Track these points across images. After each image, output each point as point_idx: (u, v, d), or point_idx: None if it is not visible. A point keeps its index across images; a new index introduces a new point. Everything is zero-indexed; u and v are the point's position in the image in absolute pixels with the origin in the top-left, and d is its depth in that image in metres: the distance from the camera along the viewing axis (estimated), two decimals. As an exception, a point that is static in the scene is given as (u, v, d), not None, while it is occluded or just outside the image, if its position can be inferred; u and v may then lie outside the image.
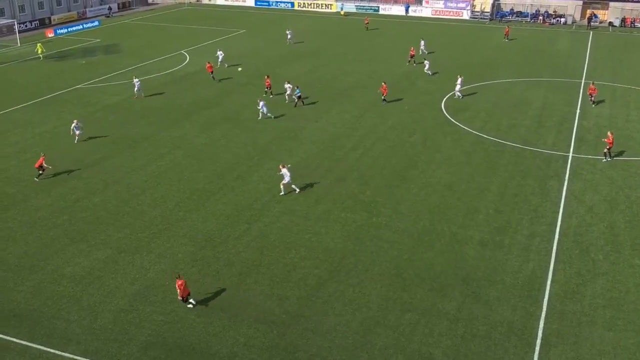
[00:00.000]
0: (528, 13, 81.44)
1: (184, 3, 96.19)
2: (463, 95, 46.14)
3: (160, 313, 21.57)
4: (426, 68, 53.21)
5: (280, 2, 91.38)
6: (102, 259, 24.96)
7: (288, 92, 44.71)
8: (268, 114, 40.93)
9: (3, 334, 20.42)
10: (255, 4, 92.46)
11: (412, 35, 69.79)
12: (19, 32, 68.07)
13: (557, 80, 51.53)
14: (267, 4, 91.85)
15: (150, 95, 46.79)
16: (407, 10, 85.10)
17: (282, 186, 30.47)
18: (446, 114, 42.75)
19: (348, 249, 25.70)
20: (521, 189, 31.15)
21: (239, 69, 51.67)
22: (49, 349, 19.78)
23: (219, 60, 54.03)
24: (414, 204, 29.65)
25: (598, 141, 36.62)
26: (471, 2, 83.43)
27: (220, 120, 41.17)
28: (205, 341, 20.19)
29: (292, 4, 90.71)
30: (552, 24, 79.07)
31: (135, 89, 45.63)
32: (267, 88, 46.26)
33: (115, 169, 33.62)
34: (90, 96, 46.72)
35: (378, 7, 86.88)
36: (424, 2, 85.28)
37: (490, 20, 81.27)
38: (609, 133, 34.85)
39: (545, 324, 20.98)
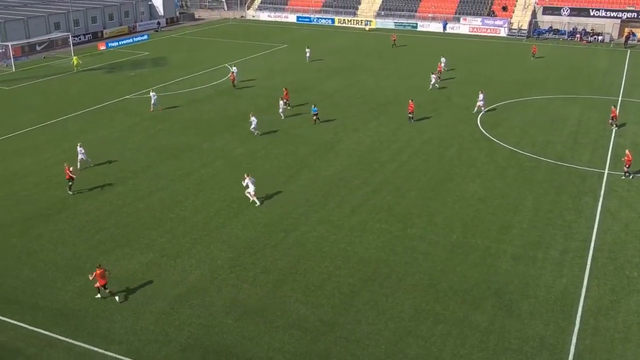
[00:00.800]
0: (565, 31, 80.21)
1: (229, 19, 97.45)
2: (486, 110, 45.55)
3: (199, 316, 21.73)
4: (432, 82, 52.98)
5: (321, 18, 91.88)
6: (145, 263, 25.29)
7: (281, 109, 44.26)
8: (256, 131, 40.25)
9: (50, 332, 20.82)
10: (297, 20, 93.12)
11: (449, 51, 69.39)
12: (73, 44, 69.76)
13: (593, 97, 50.55)
14: (308, 20, 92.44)
15: (195, 107, 47.44)
16: (444, 27, 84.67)
17: (247, 195, 30.55)
18: (482, 129, 42.29)
19: (382, 259, 25.55)
20: (555, 204, 30.58)
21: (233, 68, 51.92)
22: (92, 347, 20.09)
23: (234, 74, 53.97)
24: (448, 216, 29.34)
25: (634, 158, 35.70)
26: (509, 19, 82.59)
27: (260, 132, 41.44)
28: (241, 345, 20.26)
29: (333, 20, 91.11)
30: (590, 42, 77.71)
31: (152, 102, 46.05)
32: (285, 99, 46.33)
33: (159, 176, 34.11)
34: (138, 106, 47.56)
35: (416, 23, 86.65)
36: (461, 19, 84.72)
37: (528, 37, 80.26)
38: (627, 151, 34.00)
39: (577, 339, 20.48)
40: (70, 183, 31.69)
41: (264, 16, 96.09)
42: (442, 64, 59.34)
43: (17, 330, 20.91)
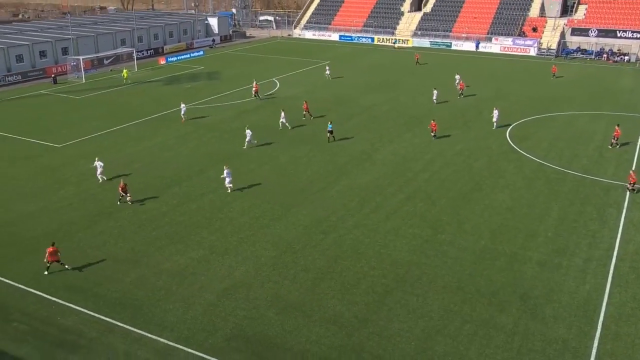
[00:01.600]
0: (593, 51, 78.35)
1: (277, 37, 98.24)
2: (498, 126, 44.71)
3: (243, 309, 21.90)
4: (434, 97, 52.62)
5: (362, 37, 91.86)
6: (196, 258, 25.62)
7: (283, 119, 44.28)
8: (253, 141, 40.06)
9: (109, 318, 21.27)
10: (340, 39, 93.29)
11: (481, 69, 68.62)
12: (137, 59, 71.33)
13: (619, 114, 49.22)
14: (350, 38, 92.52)
15: (243, 117, 47.93)
16: (477, 47, 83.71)
17: (227, 186, 32.08)
18: (510, 142, 41.59)
19: (414, 261, 25.34)
20: (580, 215, 29.84)
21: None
22: (147, 334, 20.43)
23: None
24: (477, 224, 28.93)
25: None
26: (538, 39, 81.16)
27: (303, 141, 41.62)
28: (281, 336, 20.34)
29: (372, 39, 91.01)
30: (616, 61, 75.74)
31: (182, 112, 46.60)
32: (305, 111, 46.57)
33: (210, 180, 34.54)
34: (193, 116, 48.28)
35: (450, 43, 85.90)
36: (493, 39, 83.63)
37: (556, 57, 78.70)
38: (631, 171, 32.61)
39: (599, 343, 19.92)
40: (121, 196, 30.91)
41: (309, 35, 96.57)
42: (457, 81, 58.45)
43: (81, 316, 21.42)
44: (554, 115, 48.76)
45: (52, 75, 62.69)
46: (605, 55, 76.92)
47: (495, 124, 44.76)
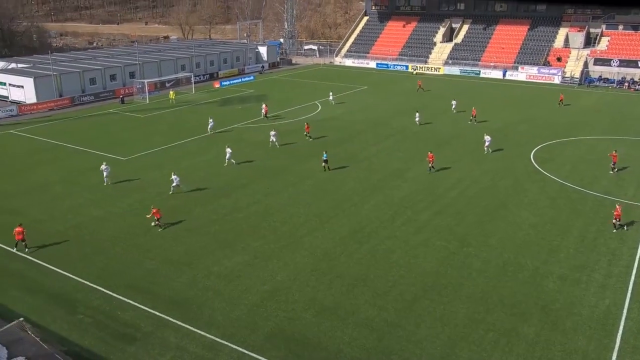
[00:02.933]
0: (614, 80, 76.20)
1: (320, 64, 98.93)
2: (493, 151, 43.12)
3: (284, 310, 21.89)
4: (417, 119, 51.73)
5: (397, 65, 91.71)
6: (241, 262, 25.80)
7: (273, 138, 44.39)
8: (232, 160, 39.81)
9: (163, 314, 21.57)
10: (377, 66, 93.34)
11: (508, 95, 67.52)
12: (195, 83, 72.84)
13: (639, 140, 47.60)
14: (386, 66, 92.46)
15: (288, 136, 48.29)
16: (504, 75, 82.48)
17: (172, 188, 33.25)
18: (534, 164, 40.68)
19: (441, 272, 24.92)
20: (601, 233, 28.87)
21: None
22: (196, 330, 20.63)
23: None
24: (501, 239, 28.31)
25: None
26: (562, 69, 79.50)
27: (341, 159, 41.62)
28: (317, 337, 20.24)
29: (407, 67, 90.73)
30: (637, 90, 73.39)
31: (209, 126, 48.43)
32: (306, 132, 47.05)
33: (256, 192, 34.83)
34: (244, 134, 48.91)
35: (479, 71, 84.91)
36: (519, 67, 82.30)
37: (579, 85, 76.83)
38: (617, 205, 29.82)
39: (618, 356, 19.14)
40: (157, 222, 29.38)
41: (349, 62, 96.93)
42: (453, 107, 57.22)
43: (138, 311, 21.78)
44: (577, 140, 47.49)
45: (120, 96, 64.52)
46: (626, 84, 74.64)
47: (486, 149, 42.80)
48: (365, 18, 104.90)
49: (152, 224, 29.49)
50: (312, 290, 23.40)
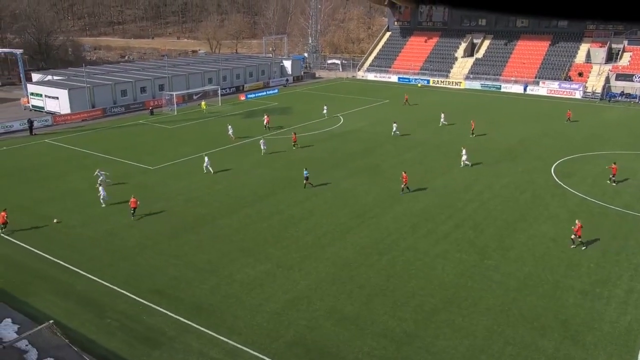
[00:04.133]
0: (637, 95, 74.79)
1: (343, 78, 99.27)
2: (472, 164, 42.36)
3: (304, 319, 21.82)
4: (394, 129, 51.84)
5: (419, 79, 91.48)
6: (264, 271, 25.83)
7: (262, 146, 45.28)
8: (210, 168, 40.11)
9: (187, 320, 21.67)
10: (398, 80, 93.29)
11: (529, 109, 66.72)
12: (221, 95, 73.66)
13: (662, 154, 46.57)
14: (407, 80, 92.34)
15: (310, 148, 48.43)
16: (525, 89, 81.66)
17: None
18: (555, 178, 40.05)
19: (460, 284, 24.60)
20: (622, 248, 28.21)
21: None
22: (218, 336, 20.66)
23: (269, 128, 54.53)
24: (521, 252, 27.85)
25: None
26: (584, 84, 78.37)
27: (363, 170, 41.57)
28: (336, 346, 20.10)
29: (428, 81, 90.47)
30: (660, 105, 71.95)
31: (229, 132, 50.63)
32: (294, 142, 47.83)
33: (279, 202, 34.94)
34: (267, 145, 49.09)
35: (500, 85, 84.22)
36: (540, 82, 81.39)
37: (600, 100, 75.63)
38: (577, 221, 28.66)
39: (639, 373, 18.60)
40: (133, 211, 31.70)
41: (371, 76, 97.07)
42: (442, 119, 56.60)
43: (163, 316, 21.94)
44: (598, 154, 46.65)
45: (150, 108, 65.56)
46: (648, 99, 73.28)
47: (463, 162, 41.81)
48: (388, 33, 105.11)
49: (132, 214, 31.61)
50: (333, 299, 23.30)
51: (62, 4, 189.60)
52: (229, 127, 51.37)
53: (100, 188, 34.36)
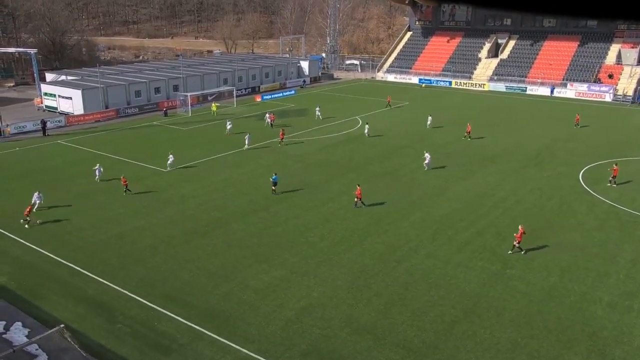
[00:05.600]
0: (670, 98, 73.57)
1: (361, 79, 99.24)
2: (432, 168, 42.03)
3: (319, 327, 21.78)
4: (366, 130, 52.05)
5: (440, 80, 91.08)
6: (278, 277, 25.86)
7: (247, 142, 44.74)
8: (173, 168, 41.31)
9: (199, 326, 21.77)
10: (419, 82, 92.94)
11: (553, 113, 65.99)
12: (236, 96, 74.06)
13: (697, 161, 45.66)
14: (429, 82, 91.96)
15: (327, 151, 48.46)
16: (552, 92, 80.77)
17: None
18: (583, 184, 39.51)
19: (482, 294, 24.36)
20: (654, 258, 27.70)
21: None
22: (231, 344, 20.72)
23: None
24: (546, 261, 27.49)
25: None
26: (614, 86, 77.26)
27: (380, 175, 41.46)
28: (352, 357, 20.01)
29: (450, 83, 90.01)
30: (695, 109, 70.60)
31: (228, 128, 53.86)
32: (280, 139, 50.05)
33: (295, 206, 34.98)
34: (283, 148, 49.35)
35: (526, 87, 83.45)
36: (568, 84, 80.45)
37: (632, 103, 74.46)
38: (520, 226, 28.22)
39: (672, 390, 18.20)
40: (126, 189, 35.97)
41: (391, 77, 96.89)
42: (429, 122, 56.28)
43: (174, 322, 22.07)
44: (629, 160, 45.91)
45: (164, 109, 66.16)
46: (683, 103, 71.98)
47: (426, 166, 41.25)
48: (409, 33, 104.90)
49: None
50: (349, 307, 23.23)
51: (77, 3, 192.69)
52: (228, 122, 54.08)
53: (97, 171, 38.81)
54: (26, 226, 31.38)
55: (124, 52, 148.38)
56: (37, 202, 33.69)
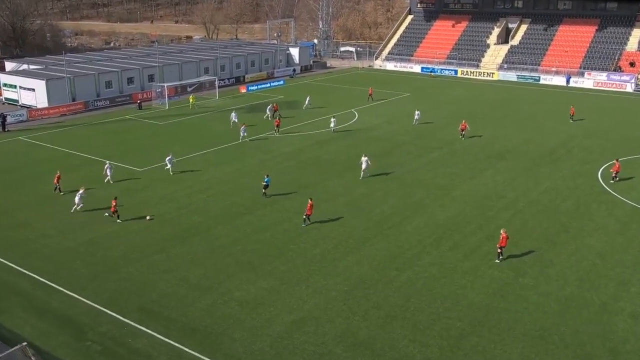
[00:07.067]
0: (698, 88, 74.18)
1: (358, 67, 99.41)
2: (368, 176, 40.47)
3: (312, 343, 21.80)
4: (331, 125, 52.37)
5: (445, 69, 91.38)
6: (266, 288, 25.86)
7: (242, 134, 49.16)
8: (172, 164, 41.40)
9: (178, 343, 21.71)
10: (421, 71, 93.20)
11: (569, 105, 66.40)
12: (219, 87, 73.93)
13: None
14: (432, 70, 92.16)
15: (321, 147, 48.50)
16: (568, 81, 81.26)
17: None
18: (602, 183, 39.77)
19: (492, 305, 24.47)
20: (680, 265, 27.92)
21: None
22: (214, 362, 20.68)
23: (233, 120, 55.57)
24: (563, 269, 27.66)
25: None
26: (636, 75, 77.83)
27: (379, 174, 41.51)
28: (349, 375, 20.03)
29: (456, 72, 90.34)
30: None
31: (232, 120, 55.03)
32: (276, 127, 52.26)
33: (285, 209, 34.98)
34: (271, 144, 49.33)
35: (539, 77, 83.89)
36: (585, 74, 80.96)
37: (656, 94, 75.04)
38: (502, 231, 28.29)
39: (700, 410, 18.36)
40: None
41: (390, 66, 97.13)
42: (416, 117, 56.03)
43: (151, 339, 22.00)
44: (652, 156, 46.29)
45: (138, 101, 65.94)
46: None
47: (363, 172, 40.18)
48: (410, 17, 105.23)
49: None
50: (345, 321, 23.26)
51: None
52: (234, 114, 55.67)
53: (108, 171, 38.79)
54: (118, 220, 32.81)
55: (93, 38, 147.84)
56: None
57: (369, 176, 40.50)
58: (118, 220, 32.72)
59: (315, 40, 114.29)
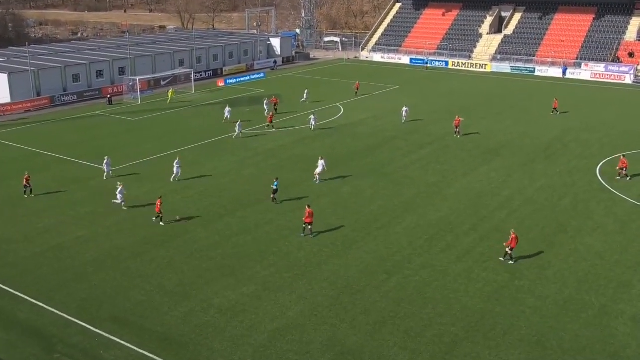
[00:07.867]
0: (699, 79, 75.23)
1: (343, 59, 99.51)
2: (323, 180, 41.26)
3: (297, 353, 21.80)
4: (312, 121, 52.43)
5: (435, 60, 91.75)
6: (247, 294, 25.82)
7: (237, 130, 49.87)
8: (108, 173, 40.26)
9: (154, 354, 21.59)
10: (410, 62, 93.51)
11: (569, 97, 66.98)
12: (195, 80, 73.64)
13: None
14: (422, 62, 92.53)
15: (304, 144, 48.51)
16: (564, 73, 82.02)
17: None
18: (601, 180, 40.22)
19: (487, 309, 24.65)
20: (683, 265, 28.34)
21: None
22: (193, 374, 20.61)
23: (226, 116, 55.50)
24: (561, 270, 27.94)
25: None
26: (636, 66, 78.75)
27: (367, 172, 41.62)
28: (336, 386, 20.07)
29: (447, 63, 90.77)
30: None
31: (226, 116, 54.89)
32: (269, 123, 52.77)
33: (267, 210, 34.93)
34: (252, 141, 49.23)
35: (534, 68, 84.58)
36: (582, 65, 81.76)
37: (656, 85, 76.01)
38: (511, 232, 28.79)
39: None
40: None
41: (377, 57, 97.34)
42: (404, 114, 55.63)
43: (124, 350, 21.87)
44: (652, 151, 46.89)
45: (108, 96, 65.46)
46: None
47: (316, 177, 39.79)
48: (397, 5, 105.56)
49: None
50: (331, 328, 23.30)
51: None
52: (227, 109, 55.29)
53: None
54: (161, 223, 32.70)
55: (59, 28, 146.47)
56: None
57: (361, 174, 40.59)
58: (161, 223, 32.75)
59: (298, 30, 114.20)
